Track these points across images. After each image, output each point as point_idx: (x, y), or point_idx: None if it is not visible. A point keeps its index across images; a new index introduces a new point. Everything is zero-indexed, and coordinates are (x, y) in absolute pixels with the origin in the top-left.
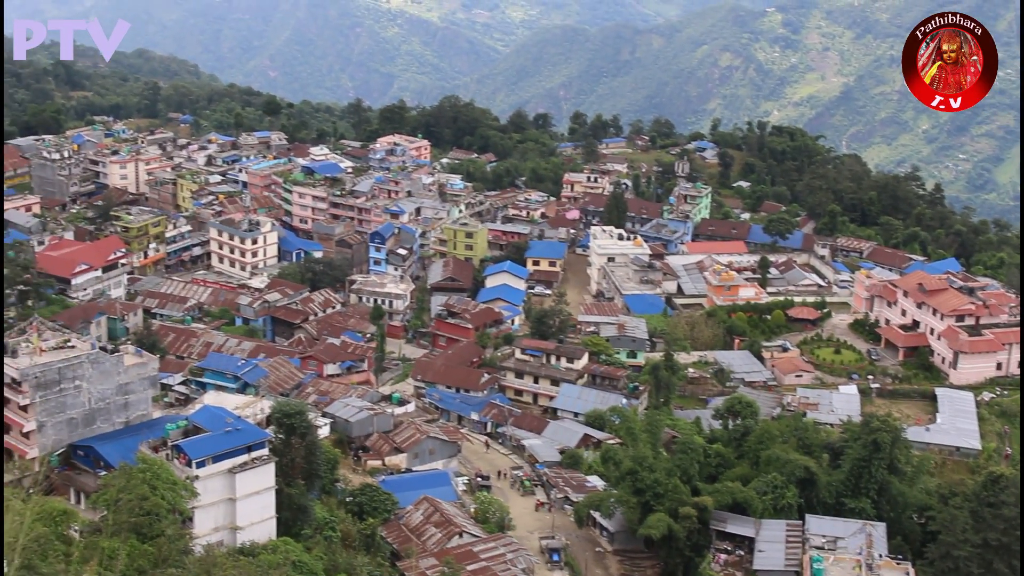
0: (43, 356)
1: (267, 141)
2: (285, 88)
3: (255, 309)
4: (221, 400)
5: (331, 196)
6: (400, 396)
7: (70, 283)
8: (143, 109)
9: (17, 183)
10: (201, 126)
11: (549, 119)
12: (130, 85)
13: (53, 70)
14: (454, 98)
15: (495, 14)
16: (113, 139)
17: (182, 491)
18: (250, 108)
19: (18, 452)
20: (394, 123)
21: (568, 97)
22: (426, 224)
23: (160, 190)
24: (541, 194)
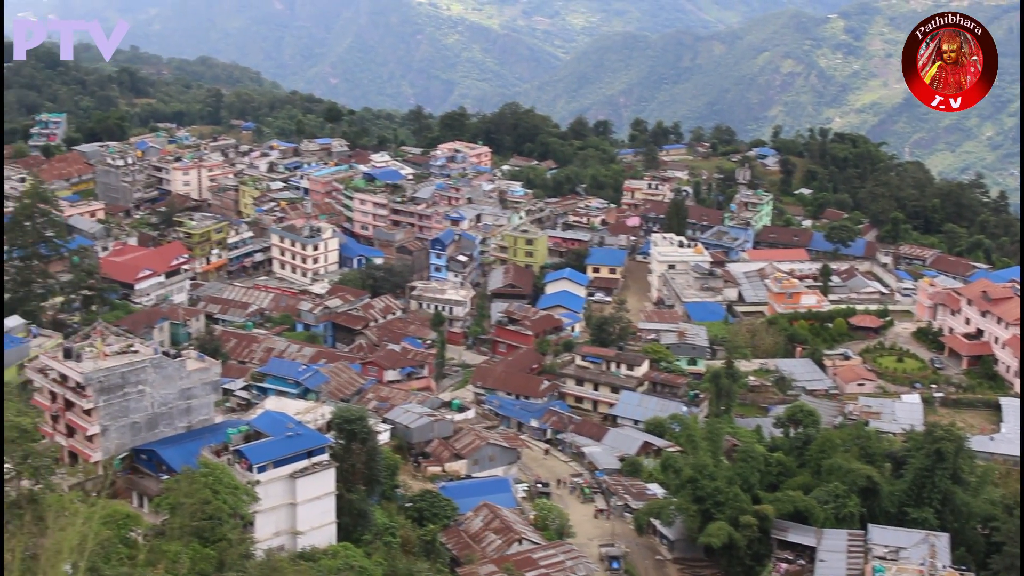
0: (107, 361)
1: (328, 148)
2: (346, 95)
3: (316, 315)
4: (282, 405)
5: (392, 203)
6: (460, 402)
7: (133, 288)
8: (206, 116)
9: (82, 189)
10: (263, 133)
11: (610, 126)
12: (193, 92)
13: (118, 77)
14: (514, 105)
15: (556, 21)
16: (176, 146)
17: (243, 495)
18: (311, 115)
19: (82, 455)
20: (455, 130)
21: (628, 104)
22: (486, 231)
23: (222, 196)
24: (601, 201)
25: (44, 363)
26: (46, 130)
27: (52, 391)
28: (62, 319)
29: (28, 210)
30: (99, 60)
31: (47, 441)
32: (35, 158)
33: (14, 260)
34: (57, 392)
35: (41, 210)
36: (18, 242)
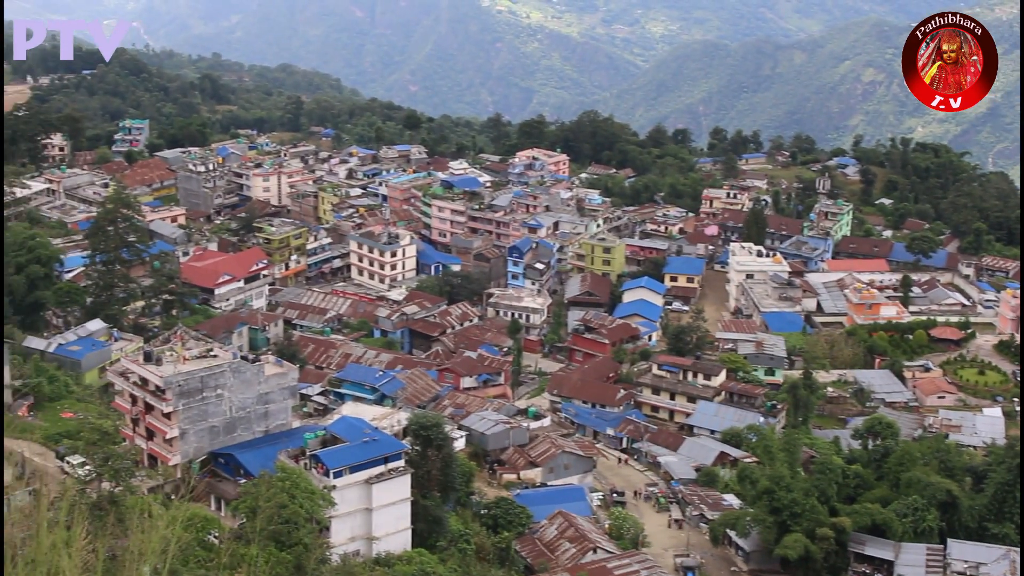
0: (186, 365)
1: (407, 155)
2: (425, 102)
3: (393, 321)
4: (359, 411)
5: (470, 210)
6: (536, 410)
7: (213, 293)
8: (286, 123)
9: (164, 194)
10: (343, 140)
11: (688, 134)
12: (274, 99)
13: (200, 84)
14: (593, 113)
15: (635, 29)
16: (257, 152)
17: (320, 500)
18: (391, 122)
19: (161, 458)
20: (533, 137)
21: (708, 112)
22: (564, 239)
23: (302, 203)
24: (680, 210)
25: (125, 366)
26: (129, 136)
27: (132, 394)
28: (143, 323)
29: (111, 215)
30: (182, 67)
31: (127, 444)
32: (118, 163)
33: (97, 265)
34: (137, 395)
35: (124, 215)
36: (101, 247)
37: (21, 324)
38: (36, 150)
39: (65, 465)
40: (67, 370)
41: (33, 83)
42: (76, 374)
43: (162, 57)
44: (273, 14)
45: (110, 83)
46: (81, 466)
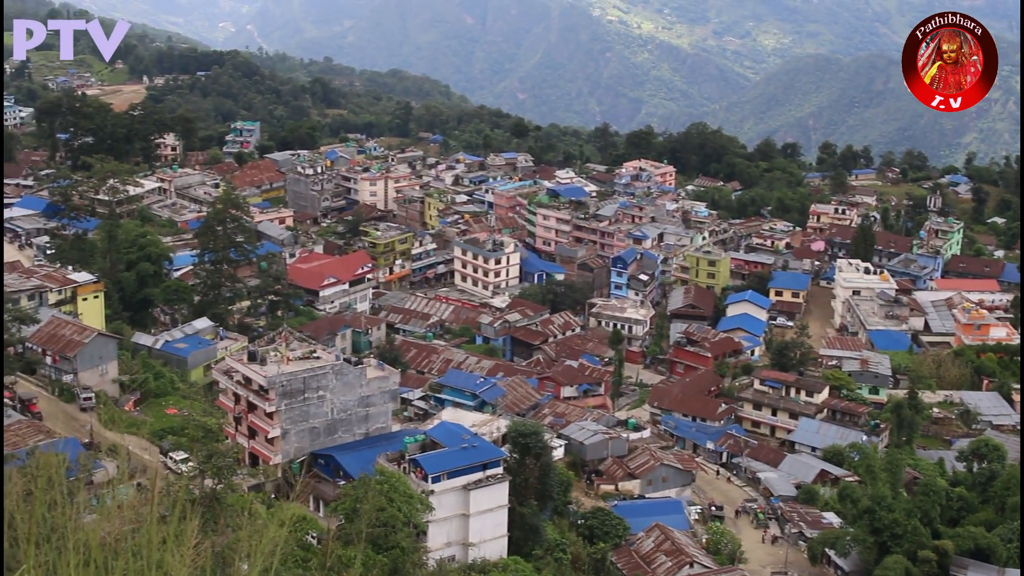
0: (290, 365)
1: (514, 163)
2: (533, 111)
3: (495, 328)
4: (459, 417)
5: (575, 219)
6: (636, 422)
7: (318, 295)
8: (395, 128)
9: (272, 196)
10: (450, 146)
11: (798, 148)
12: (383, 104)
13: (311, 88)
14: (701, 125)
15: (746, 42)
16: (365, 156)
17: (418, 505)
18: (498, 130)
19: (262, 457)
20: (640, 148)
21: (818, 127)
22: (668, 251)
23: (408, 208)
24: (786, 224)
25: (229, 365)
26: (240, 137)
27: (236, 393)
28: (248, 323)
29: (220, 215)
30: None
31: (230, 442)
32: (228, 164)
33: (205, 264)
34: (241, 394)
35: (232, 216)
36: (210, 246)
37: (130, 320)
38: (149, 149)
39: (169, 461)
40: (173, 367)
41: (148, 83)
42: (182, 371)
43: (275, 60)
44: (385, 20)
45: (223, 85)
46: (184, 462)
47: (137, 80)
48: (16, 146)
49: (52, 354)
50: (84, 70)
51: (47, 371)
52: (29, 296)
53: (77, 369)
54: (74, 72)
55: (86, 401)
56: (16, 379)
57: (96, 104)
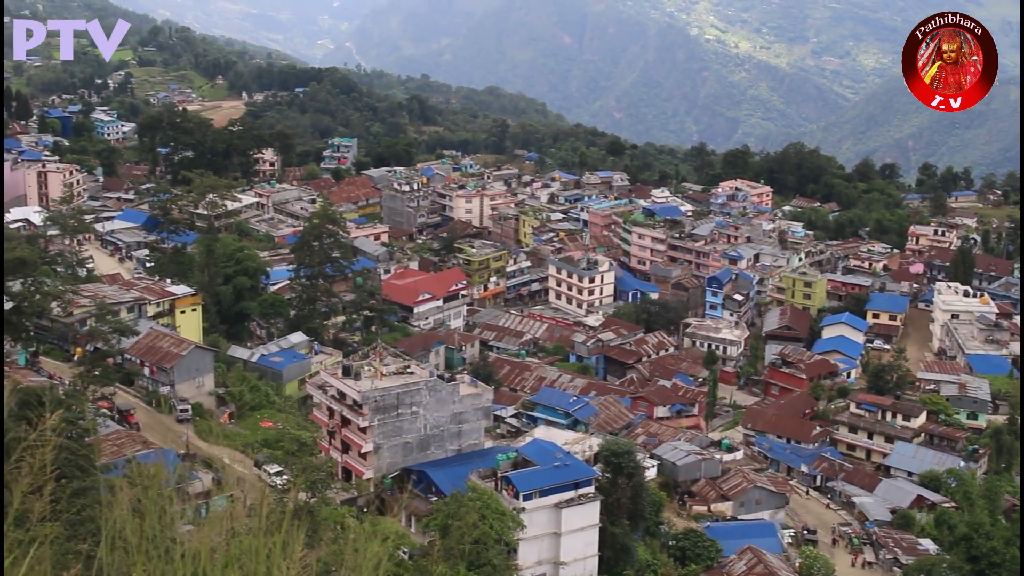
0: (384, 381)
1: (609, 181)
2: (629, 129)
3: (589, 347)
4: (551, 435)
5: (670, 238)
6: (729, 443)
7: (412, 311)
8: (490, 145)
9: (368, 212)
10: (545, 164)
11: (897, 169)
12: (480, 122)
13: (408, 105)
14: (799, 145)
15: (846, 61)
16: (460, 173)
17: (509, 522)
18: (594, 148)
19: (355, 472)
20: (737, 168)
21: (917, 148)
22: (764, 271)
23: (503, 225)
24: (884, 246)
25: (324, 380)
26: (337, 154)
27: (330, 407)
28: (343, 338)
29: (317, 230)
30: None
31: (324, 456)
32: (326, 180)
33: (301, 278)
34: (335, 409)
35: (329, 231)
36: (306, 261)
37: (227, 333)
38: (248, 164)
39: (262, 474)
40: (268, 380)
41: (248, 99)
42: (277, 385)
43: (372, 77)
44: (482, 38)
45: (321, 101)
46: (278, 475)
47: (237, 96)
48: (118, 160)
49: (150, 366)
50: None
51: (145, 382)
52: (128, 308)
53: (174, 381)
54: (175, 88)
55: (182, 413)
56: (115, 390)
57: (196, 119)
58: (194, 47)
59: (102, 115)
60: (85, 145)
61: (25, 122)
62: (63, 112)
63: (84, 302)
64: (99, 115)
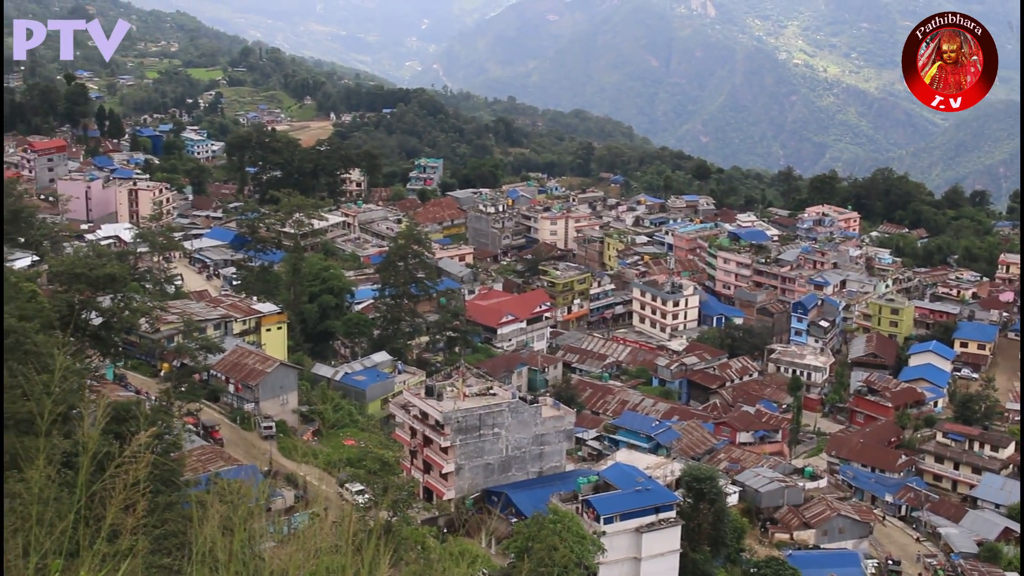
0: (466, 401)
1: (695, 205)
2: (716, 153)
3: (672, 371)
4: (633, 459)
5: (755, 263)
6: (813, 470)
7: (496, 332)
8: (576, 168)
9: (453, 233)
10: (631, 187)
11: (987, 196)
12: (565, 144)
13: (494, 127)
14: (887, 170)
15: None
16: (546, 196)
17: (590, 546)
18: (680, 171)
19: (436, 492)
20: (824, 193)
21: (1009, 175)
22: (850, 297)
23: (587, 247)
24: (974, 274)
25: (407, 399)
26: (423, 174)
27: (412, 427)
28: (426, 358)
29: (402, 251)
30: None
31: (406, 475)
32: (411, 201)
33: (386, 298)
34: (417, 428)
35: (414, 251)
36: (391, 281)
37: (311, 352)
38: (335, 184)
39: (345, 492)
40: (351, 399)
41: (336, 120)
42: (360, 403)
43: (459, 99)
44: (569, 61)
45: (408, 122)
46: (360, 494)
47: (325, 117)
48: (207, 179)
49: (235, 383)
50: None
51: (230, 399)
52: (215, 325)
53: (259, 398)
54: (264, 108)
55: (266, 430)
56: (200, 406)
57: (284, 139)
58: (283, 68)
59: (192, 134)
60: (175, 164)
61: (117, 140)
62: (154, 131)
63: (172, 319)
64: (189, 134)
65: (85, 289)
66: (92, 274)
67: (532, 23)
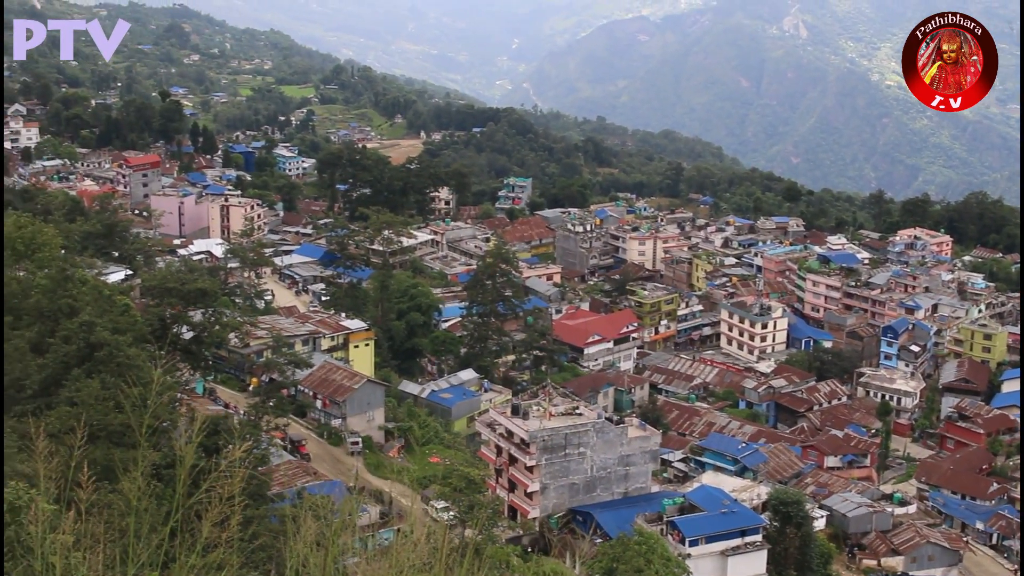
0: (552, 421)
1: (784, 227)
2: (806, 175)
3: (760, 393)
4: (719, 481)
5: (845, 286)
6: (902, 496)
7: (582, 352)
8: (665, 188)
9: (541, 252)
10: (720, 208)
11: None
12: (655, 164)
13: (583, 146)
14: (981, 194)
15: None
16: (634, 216)
17: (675, 568)
18: (770, 193)
19: (520, 511)
20: (916, 216)
21: None
22: (942, 322)
23: (675, 268)
24: None
25: (493, 417)
26: (512, 193)
27: (498, 445)
28: (513, 376)
29: (490, 269)
30: (568, 128)
31: (491, 494)
32: (500, 220)
33: (473, 316)
34: (503, 447)
35: (502, 270)
36: (478, 299)
37: (398, 369)
38: (424, 202)
39: (430, 509)
40: (438, 416)
41: (426, 138)
42: (446, 421)
43: (548, 118)
44: (660, 81)
45: (498, 141)
46: (445, 511)
47: (415, 135)
48: (297, 195)
49: (323, 398)
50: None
51: (317, 414)
52: (303, 341)
53: (346, 414)
54: (355, 126)
55: (353, 446)
56: (288, 421)
57: (375, 157)
58: (374, 86)
59: (284, 151)
60: (266, 180)
61: (210, 156)
62: (246, 148)
63: (261, 334)
64: (281, 151)
65: (177, 303)
66: (184, 288)
67: (623, 43)
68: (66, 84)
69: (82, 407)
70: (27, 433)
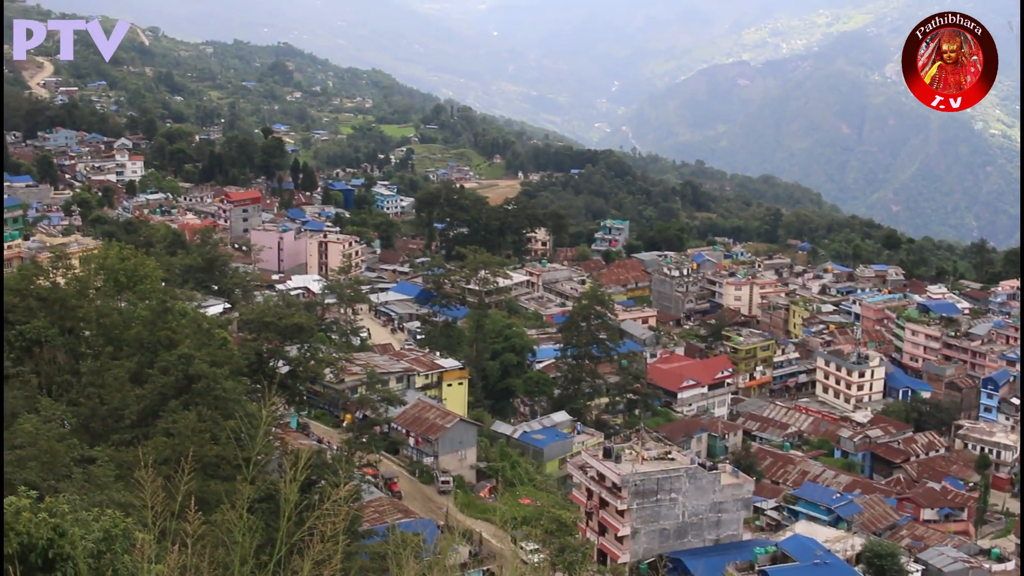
0: (644, 465)
1: (883, 275)
2: (907, 223)
3: (855, 443)
4: (812, 531)
5: (945, 336)
6: (1000, 552)
7: (676, 397)
8: (763, 234)
9: (636, 295)
10: (818, 255)
11: None
12: (753, 209)
13: (681, 190)
14: None
15: None
16: (731, 261)
17: None
18: (869, 240)
19: (611, 555)
20: (1018, 267)
21: None
22: None
23: (772, 314)
24: None
25: (585, 460)
26: (609, 236)
27: (589, 488)
28: (606, 419)
29: (585, 311)
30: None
31: (581, 537)
32: (596, 262)
33: (567, 358)
34: (594, 490)
35: (597, 312)
36: (573, 341)
37: (491, 408)
38: (520, 243)
39: (520, 550)
40: (530, 457)
41: (524, 179)
42: (538, 462)
43: (647, 161)
44: (760, 126)
45: (595, 183)
46: (535, 553)
47: (513, 175)
48: (395, 233)
49: (415, 436)
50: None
51: (409, 452)
52: (398, 378)
53: (438, 452)
54: (454, 165)
55: (444, 484)
56: (380, 458)
57: (472, 197)
58: (474, 126)
59: (383, 189)
60: (365, 217)
61: (310, 193)
62: (346, 185)
63: (356, 370)
64: (380, 189)
65: (274, 338)
66: (281, 323)
67: (723, 87)
68: (171, 119)
69: (179, 438)
70: (125, 462)
